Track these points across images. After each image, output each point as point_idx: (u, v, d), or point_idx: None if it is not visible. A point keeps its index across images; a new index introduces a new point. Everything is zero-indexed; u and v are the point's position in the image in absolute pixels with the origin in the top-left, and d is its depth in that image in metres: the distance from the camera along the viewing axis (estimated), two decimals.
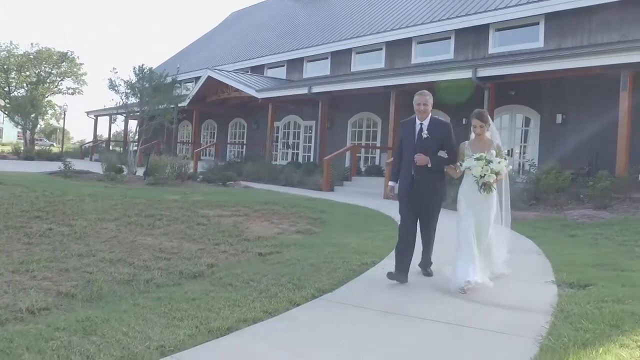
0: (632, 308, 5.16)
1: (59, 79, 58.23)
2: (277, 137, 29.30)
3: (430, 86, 18.98)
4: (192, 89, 30.12)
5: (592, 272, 6.83)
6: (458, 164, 6.28)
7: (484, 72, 16.34)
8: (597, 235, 9.55)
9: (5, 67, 52.20)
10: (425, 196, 6.39)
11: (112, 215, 10.37)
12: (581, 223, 10.81)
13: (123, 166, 19.04)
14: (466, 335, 4.73)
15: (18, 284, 5.77)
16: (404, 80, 19.12)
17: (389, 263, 6.92)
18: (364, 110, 24.81)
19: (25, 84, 55.32)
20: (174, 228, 9.49)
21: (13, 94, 52.47)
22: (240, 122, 33.55)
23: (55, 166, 19.76)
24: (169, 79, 20.07)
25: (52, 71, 57.55)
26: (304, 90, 23.01)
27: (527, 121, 19.25)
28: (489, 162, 5.93)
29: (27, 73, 54.90)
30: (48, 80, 56.73)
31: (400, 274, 6.24)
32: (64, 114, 39.83)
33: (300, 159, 27.75)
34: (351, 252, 7.79)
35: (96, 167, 21.16)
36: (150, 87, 18.03)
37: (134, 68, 18.72)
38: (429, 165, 6.29)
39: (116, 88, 18.43)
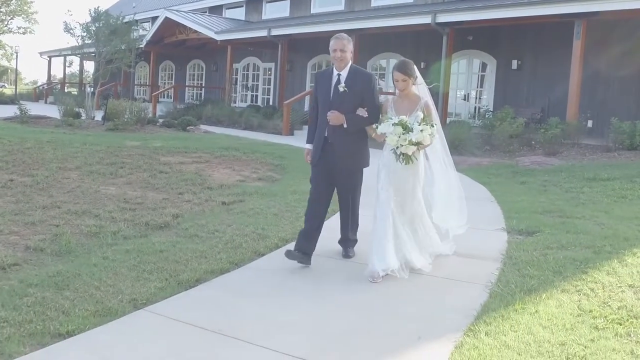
0: (573, 254, 5.56)
1: (9, 18, 56.14)
2: (236, 79, 29.07)
3: (390, 30, 19.15)
4: (149, 31, 29.42)
5: (540, 219, 7.23)
6: (374, 126, 5.23)
7: (443, 18, 16.45)
8: (545, 182, 10.00)
9: None
10: (340, 162, 5.37)
11: (73, 164, 10.36)
12: (531, 170, 11.26)
13: (81, 110, 18.74)
14: (421, 281, 5.05)
15: None
16: (365, 24, 19.12)
17: None
18: (324, 52, 24.70)
19: None
20: (137, 177, 9.58)
21: None
22: (199, 64, 33.04)
23: (10, 111, 19.36)
24: (126, 21, 19.58)
25: (1, 9, 55.36)
26: (263, 33, 22.79)
27: (483, 66, 19.55)
28: (407, 129, 4.91)
29: None
30: None
31: (301, 254, 5.28)
32: (17, 55, 38.37)
33: (259, 102, 27.67)
34: None
35: (52, 111, 20.74)
36: (107, 29, 17.62)
37: (90, 10, 18.23)
38: (345, 126, 5.27)
39: (71, 31, 17.98)
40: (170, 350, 3.60)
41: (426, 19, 16.85)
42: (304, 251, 5.27)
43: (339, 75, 5.33)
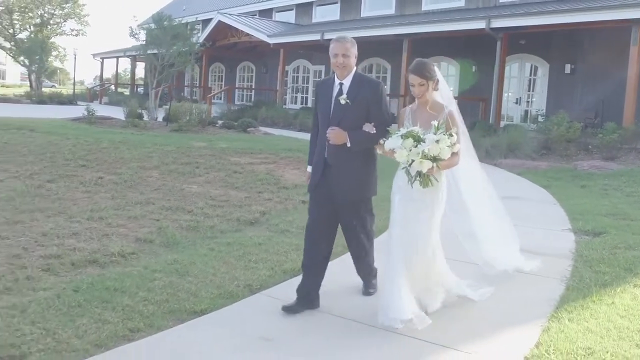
0: None
1: (62, 21, 58.03)
2: (287, 81, 29.75)
3: (440, 35, 19.49)
4: (202, 33, 30.32)
5: (604, 221, 7.58)
6: (381, 141, 4.26)
7: (497, 23, 16.75)
8: (606, 186, 10.29)
9: (8, 7, 51.82)
10: (340, 192, 4.45)
11: (151, 164, 11.06)
12: (591, 174, 11.54)
13: (143, 112, 19.62)
14: (499, 276, 5.49)
15: (97, 230, 6.49)
16: (419, 29, 19.52)
17: None
18: (373, 56, 25.17)
19: (29, 26, 55.17)
20: (214, 176, 10.21)
21: (18, 36, 52.31)
22: (249, 66, 33.83)
23: (71, 111, 20.33)
24: (187, 24, 20.44)
25: (55, 12, 57.28)
26: (316, 37, 23.34)
27: (535, 70, 19.75)
28: (419, 140, 3.99)
29: (31, 14, 54.65)
30: (52, 22, 56.54)
31: (298, 302, 4.45)
32: (75, 57, 39.87)
33: (309, 104, 28.28)
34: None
35: (111, 111, 21.72)
36: (170, 33, 18.46)
37: (153, 16, 19.12)
38: (348, 145, 4.37)
39: (136, 36, 18.89)
40: (292, 325, 4.15)
41: (480, 24, 17.15)
42: (303, 295, 4.46)
43: (340, 84, 4.45)
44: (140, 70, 42.91)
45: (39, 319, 4.04)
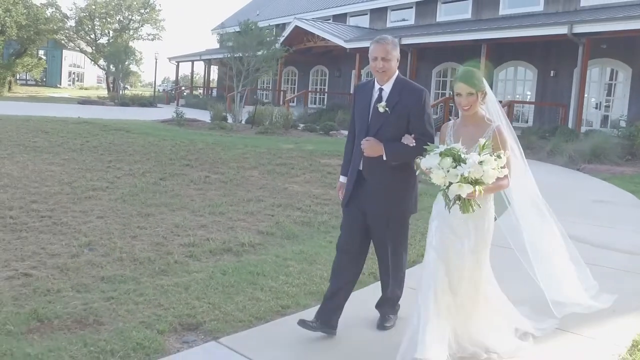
0: None
1: (139, 26, 60.54)
2: None
3: (519, 40, 19.61)
4: (279, 38, 31.24)
5: None
6: (418, 159, 3.72)
7: (580, 29, 16.81)
8: None
9: (91, 14, 54.48)
10: (375, 206, 4.08)
11: (248, 164, 11.80)
12: None
13: (227, 114, 20.56)
14: (594, 271, 5.85)
15: (222, 223, 7.19)
16: (498, 34, 19.71)
17: None
18: (449, 60, 25.43)
19: (108, 31, 57.81)
20: (310, 176, 10.85)
21: (99, 41, 54.91)
22: (322, 70, 34.57)
23: (156, 113, 21.40)
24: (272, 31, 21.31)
25: (133, 17, 59.80)
26: None
27: (615, 75, 19.63)
28: (459, 161, 3.40)
29: (111, 20, 57.26)
30: (130, 27, 59.06)
31: (320, 323, 4.08)
32: (156, 61, 41.73)
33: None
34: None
35: (192, 114, 22.73)
36: (255, 40, 19.36)
37: (240, 23, 20.14)
38: (385, 158, 3.97)
39: (224, 43, 19.87)
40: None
41: (562, 30, 17.25)
42: (324, 319, 4.09)
43: (380, 90, 4.08)
44: (214, 74, 44.43)
45: (202, 295, 4.71)
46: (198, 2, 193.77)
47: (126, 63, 35.78)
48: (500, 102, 20.96)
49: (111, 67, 37.47)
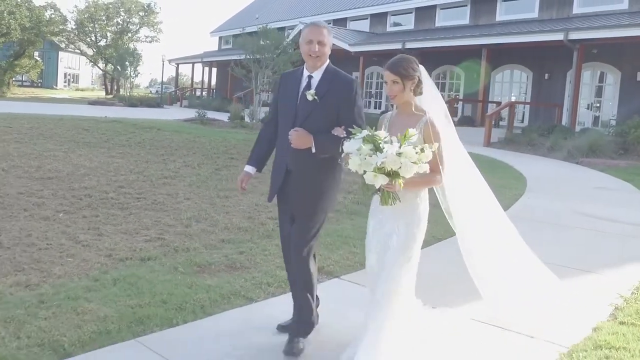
0: None
1: (137, 28, 61.67)
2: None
3: (515, 45, 21.15)
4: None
5: None
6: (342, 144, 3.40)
7: (575, 35, 18.34)
8: None
9: (92, 16, 55.52)
10: (299, 200, 3.86)
11: None
12: None
13: (244, 114, 21.97)
14: (604, 238, 7.29)
15: None
16: (496, 40, 21.27)
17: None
18: (447, 63, 26.93)
19: (107, 33, 58.84)
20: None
21: (100, 42, 55.93)
22: None
23: (166, 113, 22.49)
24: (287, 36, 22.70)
25: (131, 20, 60.89)
26: (397, 46, 25.26)
27: (603, 77, 21.29)
28: (379, 149, 3.17)
29: (110, 22, 58.34)
30: (129, 30, 60.18)
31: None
32: (163, 63, 42.91)
33: (382, 107, 30.24)
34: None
35: (209, 114, 23.99)
36: (273, 46, 20.76)
37: (259, 28, 21.60)
38: (313, 150, 3.71)
39: (244, 46, 21.24)
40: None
41: (558, 36, 18.79)
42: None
43: (309, 77, 3.83)
44: (213, 75, 45.67)
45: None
46: (193, 5, 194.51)
47: (134, 65, 36.92)
48: (499, 102, 22.68)
49: (118, 68, 38.59)
